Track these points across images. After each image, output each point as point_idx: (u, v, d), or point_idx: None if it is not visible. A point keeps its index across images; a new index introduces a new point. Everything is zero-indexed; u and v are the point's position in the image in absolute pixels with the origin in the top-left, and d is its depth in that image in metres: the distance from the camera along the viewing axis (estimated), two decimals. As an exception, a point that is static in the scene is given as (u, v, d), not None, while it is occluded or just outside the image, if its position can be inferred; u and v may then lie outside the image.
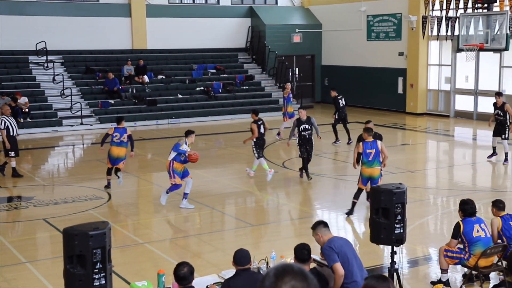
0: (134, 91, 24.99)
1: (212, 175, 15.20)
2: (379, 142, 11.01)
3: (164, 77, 26.35)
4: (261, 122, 14.39)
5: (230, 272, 6.50)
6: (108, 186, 13.41)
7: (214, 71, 27.48)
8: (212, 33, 28.28)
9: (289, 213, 12.20)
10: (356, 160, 11.40)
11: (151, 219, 11.67)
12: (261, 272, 6.66)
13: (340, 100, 18.76)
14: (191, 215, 11.81)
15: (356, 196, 11.18)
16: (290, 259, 7.32)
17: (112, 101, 24.14)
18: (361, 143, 11.03)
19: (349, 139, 18.54)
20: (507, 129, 15.21)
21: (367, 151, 10.84)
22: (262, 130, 14.29)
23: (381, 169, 11.01)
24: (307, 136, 13.90)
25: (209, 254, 9.40)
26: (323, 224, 6.58)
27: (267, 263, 6.96)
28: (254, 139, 14.19)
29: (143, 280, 6.61)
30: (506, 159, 15.39)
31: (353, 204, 11.20)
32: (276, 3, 29.96)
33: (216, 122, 24.01)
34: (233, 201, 12.93)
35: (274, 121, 22.25)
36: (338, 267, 6.27)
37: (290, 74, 28.38)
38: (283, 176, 14.75)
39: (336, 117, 18.76)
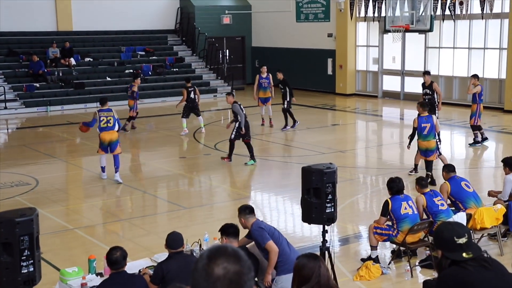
0: (61, 74, 24.22)
1: (144, 159, 14.98)
2: (434, 116, 11.85)
3: (91, 59, 25.66)
4: (192, 88, 17.16)
5: (163, 255, 6.44)
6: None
7: (144, 53, 26.98)
8: (141, 14, 27.71)
9: (222, 195, 12.19)
10: (412, 135, 12.13)
11: (81, 204, 11.40)
12: (194, 254, 6.62)
13: (288, 83, 17.97)
14: (122, 199, 11.62)
15: (429, 168, 11.68)
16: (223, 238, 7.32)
17: (37, 85, 23.34)
18: (416, 118, 11.76)
19: (287, 124, 17.96)
20: (436, 108, 15.63)
21: (422, 125, 11.60)
22: (192, 95, 16.99)
23: (437, 142, 11.80)
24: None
25: (142, 238, 9.28)
26: (248, 209, 6.64)
27: (200, 245, 6.93)
28: (185, 102, 17.05)
29: (73, 266, 6.46)
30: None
31: (430, 176, 11.53)
32: (206, -16, 29.65)
33: (147, 105, 23.61)
34: (165, 184, 12.80)
35: (205, 104, 22.12)
36: (272, 244, 6.35)
37: (221, 56, 28.24)
38: (216, 158, 14.70)
39: (288, 100, 17.75)
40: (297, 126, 17.97)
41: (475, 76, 15.53)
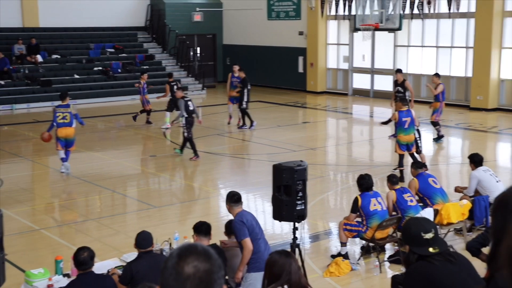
0: (27, 71, 23.83)
1: (113, 157, 14.82)
2: (413, 111, 12.08)
3: (59, 56, 25.29)
4: (174, 83, 17.65)
5: (132, 255, 6.38)
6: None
7: (113, 50, 26.69)
8: (110, 11, 27.39)
9: (192, 193, 12.13)
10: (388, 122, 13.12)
11: (48, 204, 11.22)
12: (164, 253, 6.57)
13: (248, 83, 17.70)
14: (91, 199, 11.48)
15: (401, 163, 11.88)
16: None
17: (2, 82, 22.90)
18: (396, 113, 11.96)
19: (244, 124, 17.65)
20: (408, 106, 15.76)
21: (403, 119, 11.79)
22: (175, 89, 16.41)
23: (419, 133, 12.08)
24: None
25: (110, 237, 9.18)
26: (235, 197, 6.56)
27: (170, 244, 6.88)
28: (169, 97, 17.37)
29: (39, 268, 6.35)
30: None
31: (401, 172, 11.76)
32: (176, -19, 29.46)
33: (116, 103, 23.40)
34: (135, 183, 12.68)
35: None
36: (248, 242, 6.31)
37: (192, 53, 28.11)
38: (186, 156, 14.62)
39: (246, 100, 17.51)
40: (254, 127, 17.53)
41: (436, 75, 15.76)
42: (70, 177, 12.54)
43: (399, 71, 16.30)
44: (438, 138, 15.52)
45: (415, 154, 12.12)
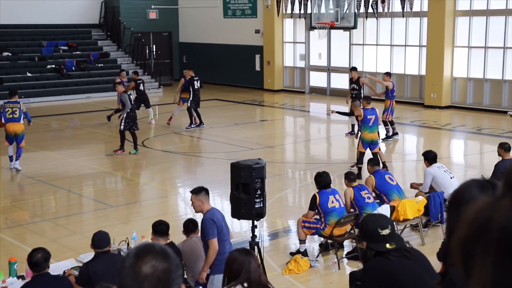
0: (-22, 69, 23.21)
1: (68, 157, 14.56)
2: (377, 109, 12.11)
3: (10, 54, 24.68)
4: (140, 81, 18.19)
5: (89, 255, 6.28)
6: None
7: (66, 48, 26.20)
8: (62, 8, 26.86)
9: (150, 192, 12.01)
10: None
11: (1, 205, 10.93)
12: (121, 253, 6.49)
13: (195, 82, 17.10)
14: (46, 199, 11.25)
15: (361, 161, 11.81)
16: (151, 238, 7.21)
17: (-48, 80, 22.25)
18: (362, 110, 11.97)
19: (201, 122, 17.34)
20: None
21: (368, 117, 11.82)
22: (141, 87, 17.83)
23: (378, 133, 12.12)
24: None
25: (66, 238, 9.02)
26: (205, 191, 6.51)
27: (128, 244, 6.81)
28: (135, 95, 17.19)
29: (-7, 271, 6.19)
30: (352, 131, 16.08)
31: (359, 169, 11.72)
32: (131, -22, 29.11)
33: (70, 101, 22.98)
34: (91, 183, 12.48)
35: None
36: (215, 242, 6.25)
37: (147, 51, 27.82)
38: (144, 155, 14.47)
39: (191, 99, 17.01)
40: (193, 127, 17.18)
41: (387, 74, 16.03)
42: (24, 177, 12.26)
43: (354, 69, 16.53)
44: (389, 137, 15.64)
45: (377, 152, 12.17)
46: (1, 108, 12.55)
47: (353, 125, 15.98)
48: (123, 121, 13.94)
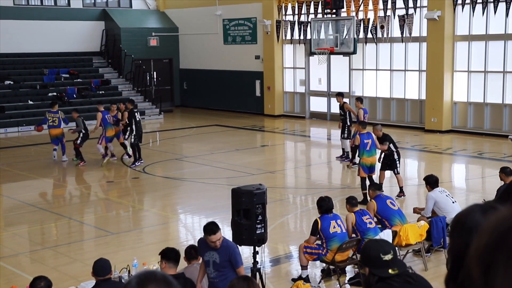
0: (-21, 97, 23.30)
1: (70, 184, 14.54)
2: (372, 134, 12.09)
3: (12, 82, 24.81)
4: (136, 110, 16.95)
5: (90, 283, 6.24)
6: None
7: (68, 75, 26.35)
8: (64, 36, 27.08)
9: (151, 219, 11.97)
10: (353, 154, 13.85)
11: (1, 233, 10.89)
12: (123, 281, 6.45)
13: (136, 114, 15.87)
14: (47, 227, 11.21)
15: (364, 186, 11.75)
16: (153, 265, 7.17)
17: (-46, 109, 22.35)
18: (358, 136, 12.04)
19: (140, 157, 15.92)
20: (346, 128, 15.97)
21: (365, 141, 11.85)
22: (138, 118, 15.90)
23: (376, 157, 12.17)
24: None
25: (67, 266, 8.96)
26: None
27: (129, 271, 6.77)
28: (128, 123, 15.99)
29: (-7, 300, 6.15)
30: (344, 156, 16.08)
31: (364, 195, 11.61)
32: (131, 6, 29.38)
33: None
34: (92, 210, 12.45)
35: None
36: (243, 270, 6.30)
37: (148, 78, 27.98)
38: (145, 181, 14.46)
39: (134, 134, 15.58)
40: (140, 164, 15.77)
41: (358, 99, 16.01)
42: (25, 205, 12.22)
43: (339, 94, 16.53)
44: (346, 158, 15.89)
45: (395, 175, 12.37)
46: (45, 115, 16.50)
47: (343, 149, 16.21)
48: (79, 139, 16.05)
